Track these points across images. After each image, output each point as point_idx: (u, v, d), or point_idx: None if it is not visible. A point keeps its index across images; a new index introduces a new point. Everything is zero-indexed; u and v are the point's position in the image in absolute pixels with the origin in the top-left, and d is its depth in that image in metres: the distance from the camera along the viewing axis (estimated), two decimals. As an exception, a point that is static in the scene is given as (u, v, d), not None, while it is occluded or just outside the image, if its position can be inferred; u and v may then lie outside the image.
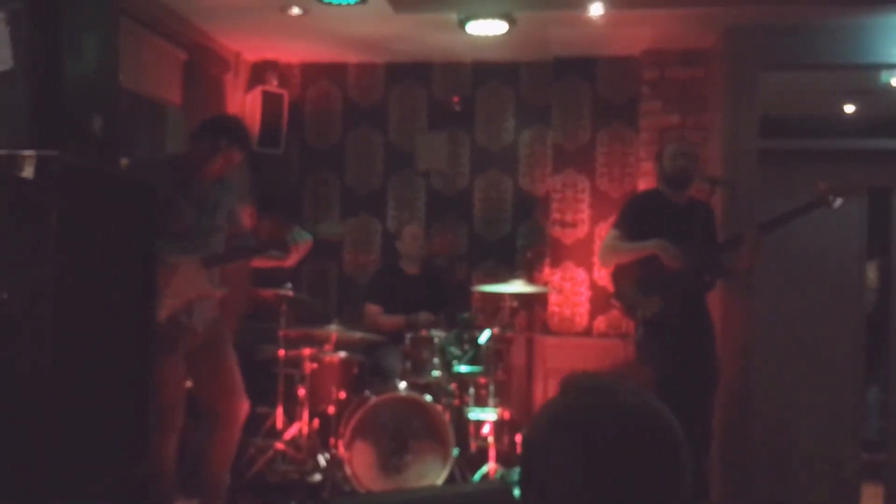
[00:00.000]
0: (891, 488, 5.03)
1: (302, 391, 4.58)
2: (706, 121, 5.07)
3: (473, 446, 4.59)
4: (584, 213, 5.44)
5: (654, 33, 4.94)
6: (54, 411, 2.29)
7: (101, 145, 2.59)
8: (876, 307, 5.56)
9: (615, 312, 5.29)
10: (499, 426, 4.62)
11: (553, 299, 5.41)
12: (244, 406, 3.81)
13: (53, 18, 2.34)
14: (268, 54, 5.78)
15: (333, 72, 5.95)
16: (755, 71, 4.65)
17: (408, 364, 4.52)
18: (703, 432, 3.96)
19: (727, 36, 4.72)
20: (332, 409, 4.56)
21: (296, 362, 4.64)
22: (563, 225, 5.45)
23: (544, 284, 5.40)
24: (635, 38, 5.06)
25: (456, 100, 5.78)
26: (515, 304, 5.02)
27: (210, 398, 3.80)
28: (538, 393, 5.28)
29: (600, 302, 5.35)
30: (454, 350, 4.58)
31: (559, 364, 5.27)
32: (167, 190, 3.45)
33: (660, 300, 3.90)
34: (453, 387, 4.60)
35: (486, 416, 4.55)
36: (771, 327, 4.90)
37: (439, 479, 4.24)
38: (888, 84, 5.06)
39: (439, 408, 4.33)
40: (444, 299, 5.23)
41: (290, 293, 4.67)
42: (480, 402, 4.59)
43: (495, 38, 4.99)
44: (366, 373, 4.83)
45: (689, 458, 1.15)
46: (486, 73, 5.80)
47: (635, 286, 4.01)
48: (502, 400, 4.67)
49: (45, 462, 2.26)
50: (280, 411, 4.66)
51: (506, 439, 4.77)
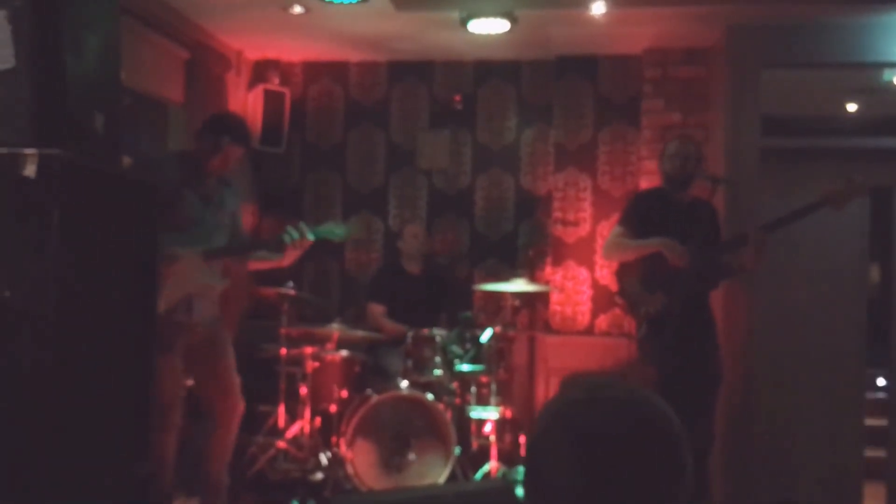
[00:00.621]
0: (893, 487, 5.02)
1: (304, 390, 4.58)
2: (708, 119, 5.07)
3: (475, 445, 4.59)
4: (586, 212, 5.44)
5: (655, 32, 4.94)
6: (55, 410, 2.29)
7: (103, 144, 2.59)
8: (878, 306, 5.55)
9: (617, 311, 5.29)
10: (500, 425, 4.61)
11: (555, 298, 5.41)
12: (239, 406, 3.83)
13: (55, 17, 2.34)
14: (269, 53, 5.78)
15: (335, 70, 5.94)
16: (757, 69, 4.65)
17: (409, 363, 4.51)
18: (705, 431, 3.95)
19: (729, 34, 4.71)
20: (333, 408, 4.56)
21: (297, 361, 4.64)
22: (564, 224, 5.45)
23: (546, 283, 5.40)
24: (637, 37, 5.06)
25: (457, 98, 5.78)
26: (517, 302, 5.02)
27: (207, 397, 3.81)
28: (540, 392, 5.28)
29: (602, 301, 5.35)
30: (456, 349, 4.58)
31: (561, 363, 5.26)
32: (173, 183, 3.48)
33: (663, 298, 3.89)
34: (455, 385, 4.60)
35: (487, 414, 4.55)
36: (773, 327, 4.89)
37: (441, 477, 4.24)
38: (890, 83, 5.06)
39: (441, 406, 4.33)
40: (445, 298, 5.23)
41: (291, 292, 4.67)
42: (482, 401, 4.59)
43: (497, 36, 4.98)
44: (367, 371, 4.83)
45: (689, 455, 1.15)
46: (488, 71, 5.79)
47: (639, 284, 4.00)
48: (504, 399, 4.67)
49: (46, 461, 2.26)
50: (282, 410, 4.66)
51: (507, 438, 4.77)
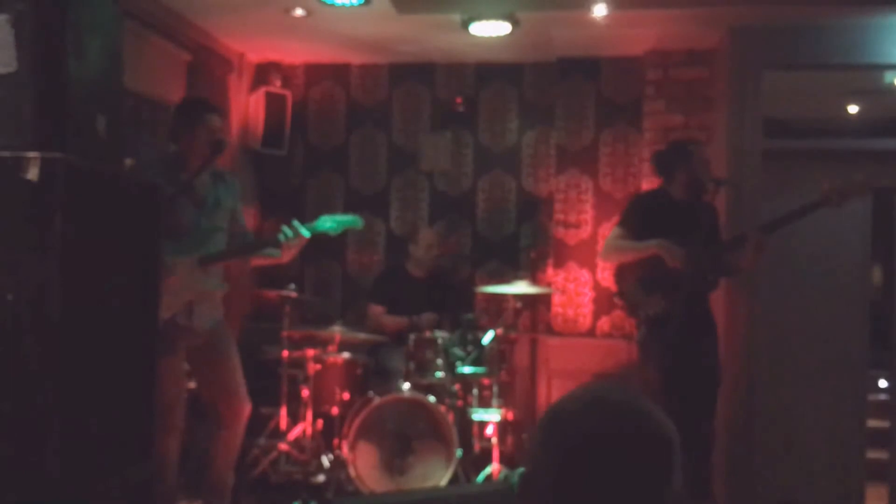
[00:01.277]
0: (895, 489, 5.02)
1: (305, 392, 4.58)
2: (710, 121, 5.07)
3: (477, 447, 4.59)
4: (588, 214, 5.44)
5: (657, 33, 4.94)
6: (58, 412, 2.29)
7: (106, 146, 2.59)
8: (880, 308, 5.55)
9: (619, 313, 5.29)
10: (502, 427, 4.61)
11: (556, 300, 5.41)
12: (246, 407, 3.81)
13: (57, 20, 2.35)
14: (271, 55, 5.78)
15: (337, 72, 5.95)
16: (759, 71, 4.65)
17: (411, 365, 4.51)
18: (706, 432, 3.95)
19: (731, 36, 4.71)
20: (335, 410, 4.56)
21: (299, 363, 4.65)
22: (566, 225, 5.45)
23: (548, 285, 5.40)
24: (639, 39, 5.06)
25: (459, 100, 5.79)
26: (519, 304, 5.02)
27: (212, 399, 3.80)
28: (542, 394, 5.28)
29: (604, 303, 5.35)
30: (458, 351, 4.58)
31: (563, 365, 5.26)
32: (165, 189, 3.46)
33: (662, 299, 3.89)
34: (457, 388, 4.61)
35: (489, 416, 4.55)
36: (775, 328, 4.89)
37: (443, 480, 4.24)
38: (892, 84, 5.05)
39: (443, 409, 4.33)
40: (448, 301, 5.22)
41: (293, 294, 4.67)
42: (484, 403, 4.58)
43: (499, 38, 4.99)
44: (369, 373, 4.83)
45: (679, 459, 1.16)
46: (490, 73, 5.79)
47: (638, 285, 4.00)
48: (506, 401, 4.67)
49: (49, 463, 2.26)
50: (284, 412, 4.66)
51: (509, 440, 4.77)
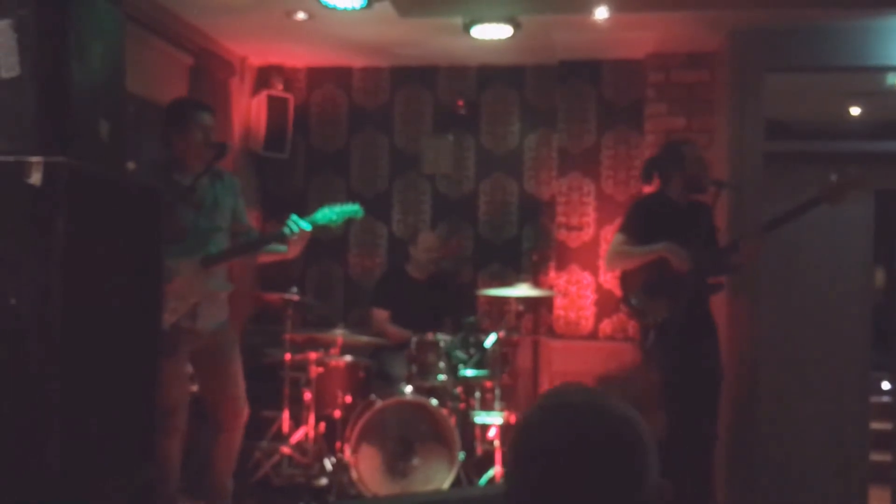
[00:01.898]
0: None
1: (308, 395, 4.58)
2: (711, 123, 5.07)
3: (479, 450, 4.58)
4: (590, 217, 5.44)
5: (659, 36, 4.94)
6: (61, 415, 2.30)
7: (108, 150, 2.59)
8: (883, 310, 5.54)
9: (621, 316, 5.29)
10: (505, 430, 4.60)
11: (559, 302, 5.41)
12: (244, 411, 3.81)
13: (59, 24, 2.35)
14: (273, 59, 5.79)
15: (339, 76, 5.96)
16: (760, 73, 4.65)
17: (413, 368, 4.51)
18: (707, 434, 3.95)
19: (732, 39, 4.71)
20: (338, 413, 4.56)
21: (302, 366, 4.65)
22: (568, 228, 5.45)
23: (550, 288, 5.40)
24: (640, 42, 5.06)
25: (461, 103, 5.79)
26: (521, 307, 5.02)
27: (212, 402, 3.80)
28: (544, 396, 5.27)
29: (606, 305, 5.35)
30: (460, 354, 4.57)
31: (565, 367, 5.26)
32: (165, 195, 3.46)
33: (669, 303, 3.88)
34: (459, 391, 4.60)
35: (491, 419, 4.54)
36: (777, 330, 4.89)
37: (445, 482, 4.24)
38: (894, 86, 5.05)
39: (445, 412, 4.33)
40: (449, 305, 5.22)
41: (295, 297, 4.67)
42: (486, 406, 4.58)
43: (500, 41, 4.99)
44: (372, 377, 4.83)
45: (651, 451, 1.17)
46: (492, 76, 5.80)
47: (644, 291, 3.99)
48: (508, 403, 4.67)
49: (51, 465, 2.26)
50: (286, 415, 4.66)
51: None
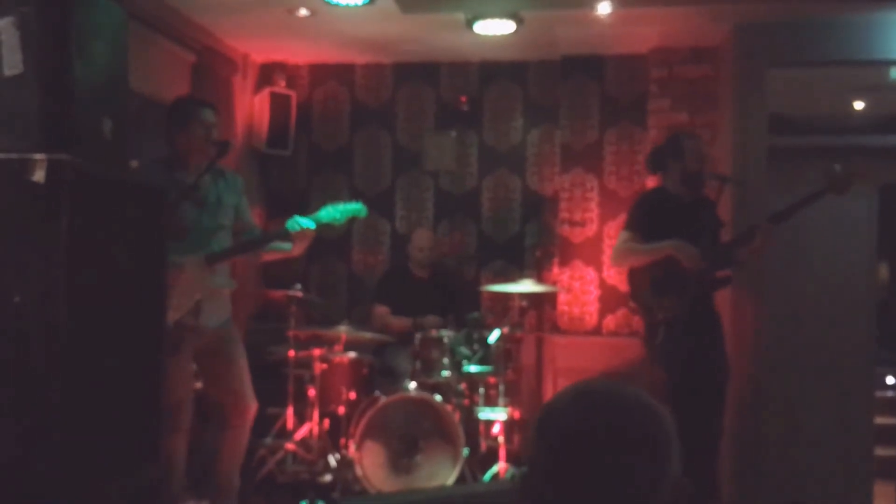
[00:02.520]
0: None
1: (312, 392, 4.58)
2: (715, 118, 5.06)
3: (483, 446, 4.58)
4: (593, 212, 5.44)
5: (661, 31, 4.93)
6: (65, 413, 2.30)
7: (111, 148, 2.59)
8: (887, 305, 5.53)
9: (625, 311, 5.29)
10: (509, 426, 4.61)
11: (562, 298, 5.41)
12: (251, 407, 3.81)
13: (63, 22, 2.35)
14: (276, 56, 5.79)
15: (341, 72, 5.96)
16: (763, 68, 4.64)
17: (417, 364, 4.51)
18: (713, 430, 3.95)
19: (735, 33, 4.70)
20: (342, 410, 4.56)
21: (306, 363, 4.65)
22: (571, 224, 5.45)
23: (553, 284, 5.40)
24: (643, 37, 5.05)
25: (464, 99, 5.79)
26: (525, 303, 5.01)
27: (218, 399, 3.80)
28: (548, 392, 5.27)
29: (610, 301, 5.35)
30: (464, 350, 4.57)
31: (569, 363, 5.26)
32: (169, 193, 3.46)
33: (677, 300, 3.87)
34: (463, 387, 4.60)
35: (496, 415, 4.54)
36: (782, 326, 4.88)
37: (449, 479, 4.24)
38: (898, 80, 5.04)
39: (449, 408, 4.33)
40: (453, 301, 5.22)
41: (299, 294, 4.67)
42: (490, 402, 4.58)
43: (503, 37, 4.98)
44: (375, 373, 4.83)
45: (674, 444, 1.17)
46: (494, 72, 5.79)
47: (652, 287, 3.98)
48: (512, 399, 4.67)
49: (56, 463, 2.27)
50: (290, 412, 4.67)
51: (516, 439, 4.76)
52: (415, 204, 5.87)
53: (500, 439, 4.51)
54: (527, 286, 4.73)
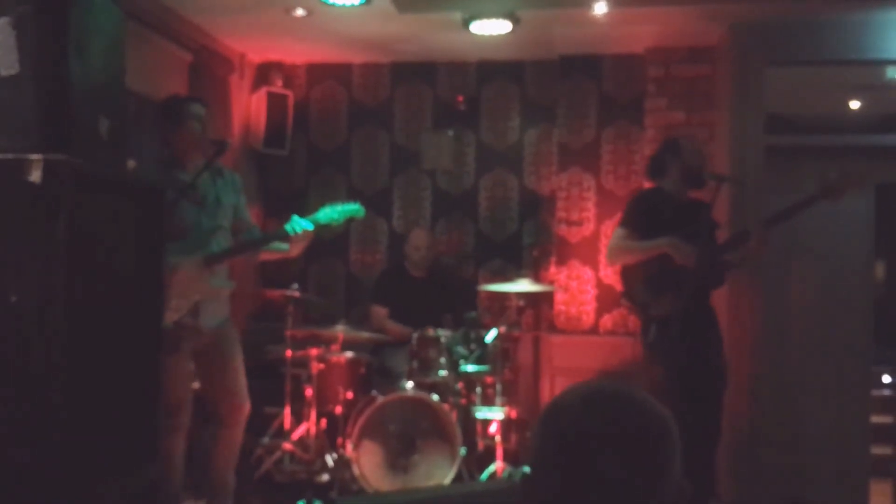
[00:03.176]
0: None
1: (309, 391, 4.59)
2: (712, 118, 5.07)
3: (481, 445, 4.59)
4: (590, 212, 5.44)
5: (659, 30, 4.93)
6: (63, 413, 2.30)
7: (108, 148, 2.59)
8: (884, 303, 5.54)
9: (622, 311, 5.29)
10: (506, 425, 4.61)
11: (559, 298, 5.41)
12: (245, 407, 3.81)
13: (59, 22, 2.35)
14: (273, 55, 5.79)
15: (338, 72, 5.95)
16: (761, 67, 4.64)
17: (414, 364, 4.52)
18: (711, 429, 3.95)
19: (733, 32, 4.71)
20: (339, 409, 4.56)
21: (303, 362, 4.65)
22: (568, 223, 5.45)
23: (550, 283, 5.40)
24: (640, 36, 5.05)
25: (461, 99, 5.79)
26: (522, 302, 5.02)
27: (213, 398, 3.80)
28: (545, 391, 5.28)
29: (607, 300, 5.35)
30: (461, 349, 4.58)
31: (566, 362, 5.27)
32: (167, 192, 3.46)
33: (671, 298, 3.87)
34: (460, 386, 4.61)
35: (493, 415, 4.55)
36: (779, 324, 4.89)
37: (447, 478, 4.25)
38: (894, 80, 5.04)
39: (446, 407, 4.33)
40: (450, 300, 5.22)
41: (296, 293, 4.67)
42: (487, 402, 4.59)
43: (500, 37, 4.99)
44: (373, 373, 4.84)
45: (677, 446, 1.18)
46: (491, 72, 5.80)
47: (645, 285, 3.98)
48: (509, 399, 4.67)
49: (54, 464, 2.27)
50: (287, 411, 4.67)
51: (513, 438, 4.77)
52: (412, 203, 5.88)
53: (497, 438, 4.51)
54: (524, 285, 4.73)
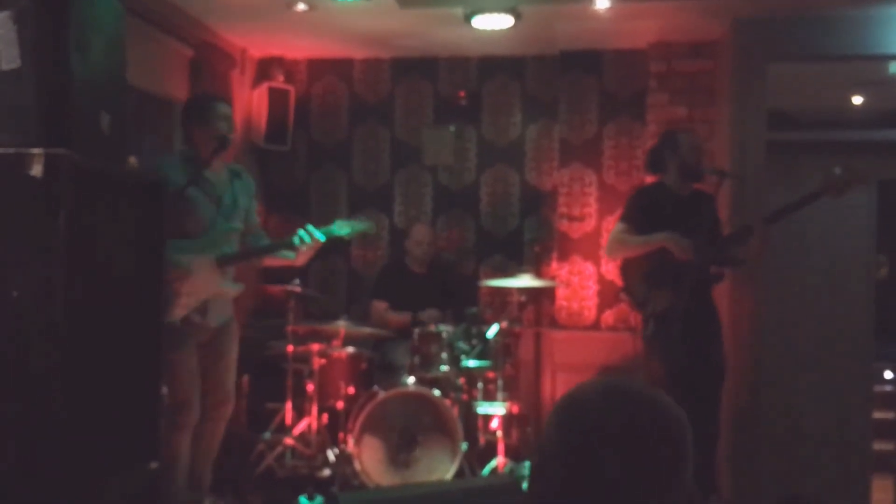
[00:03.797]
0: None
1: (311, 387, 4.59)
2: (714, 113, 5.06)
3: (482, 441, 4.59)
4: (592, 207, 5.44)
5: (660, 26, 4.92)
6: (65, 409, 2.30)
7: (109, 143, 2.59)
8: (886, 299, 5.54)
9: (623, 306, 5.28)
10: (507, 420, 4.62)
11: (561, 293, 5.41)
12: (229, 405, 3.84)
13: (60, 17, 2.35)
14: (274, 50, 5.78)
15: (339, 67, 5.95)
16: (763, 63, 4.63)
17: (416, 359, 4.52)
18: (711, 425, 3.95)
19: (734, 28, 4.70)
20: (340, 405, 4.57)
21: (304, 358, 4.65)
22: (570, 219, 5.45)
23: (552, 279, 5.40)
24: (642, 31, 5.04)
25: (462, 94, 5.78)
26: (523, 298, 5.02)
27: (202, 389, 3.79)
28: (546, 387, 5.28)
29: (608, 296, 5.35)
30: (462, 345, 4.58)
31: (567, 358, 5.26)
32: (178, 186, 3.48)
33: (670, 294, 3.88)
34: (461, 381, 4.61)
35: (494, 410, 4.55)
36: (780, 320, 4.89)
37: (448, 473, 4.25)
38: (896, 75, 5.03)
39: (448, 402, 4.34)
40: (451, 297, 5.22)
41: (298, 289, 4.67)
42: (489, 397, 4.59)
43: (501, 32, 4.98)
44: (374, 368, 4.84)
45: (691, 449, 1.17)
46: (493, 67, 5.79)
47: (644, 280, 3.99)
48: (511, 394, 4.67)
49: (54, 461, 2.27)
50: (289, 407, 4.67)
51: (514, 433, 4.77)
52: (413, 199, 5.87)
53: (499, 434, 4.52)
54: (525, 281, 4.73)
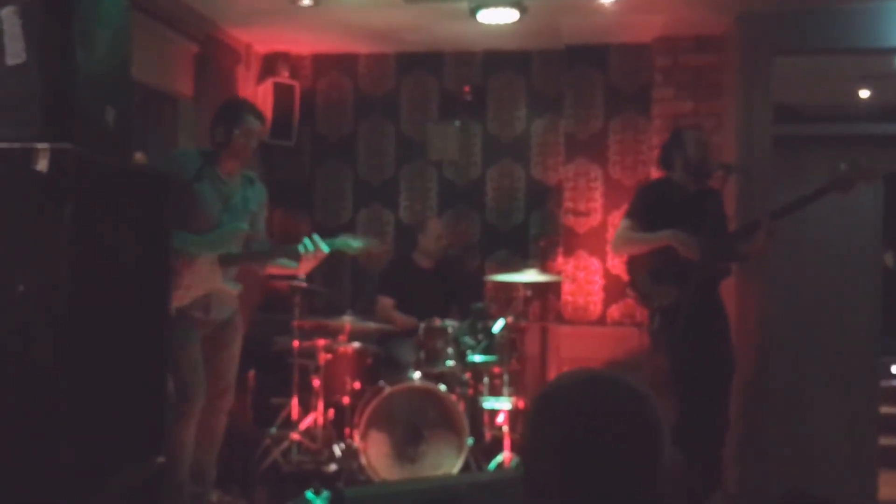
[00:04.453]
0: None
1: (317, 382, 4.59)
2: (719, 107, 5.04)
3: (488, 436, 4.59)
4: (597, 202, 5.43)
5: (666, 20, 4.91)
6: (70, 402, 2.30)
7: (115, 138, 2.60)
8: (892, 293, 5.51)
9: (629, 301, 5.27)
10: (513, 415, 4.61)
11: (566, 288, 5.40)
12: (229, 399, 3.85)
13: (66, 12, 2.35)
14: (279, 46, 5.78)
15: (344, 62, 5.94)
16: (769, 56, 4.62)
17: (422, 354, 4.52)
18: (719, 421, 3.94)
19: (740, 21, 4.68)
20: (346, 400, 4.57)
21: (310, 353, 4.66)
22: (575, 214, 5.44)
23: (557, 273, 5.39)
24: (647, 25, 5.03)
25: (467, 89, 5.77)
26: (529, 293, 5.01)
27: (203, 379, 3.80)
28: (552, 382, 5.27)
29: (614, 290, 5.34)
30: (468, 340, 4.58)
31: (573, 353, 5.26)
32: (190, 180, 3.48)
33: (675, 289, 3.87)
34: (467, 376, 4.61)
35: (500, 405, 4.55)
36: (787, 315, 4.87)
37: (454, 468, 4.25)
38: (903, 68, 5.01)
39: (454, 397, 4.34)
40: (456, 291, 5.22)
41: (303, 284, 4.67)
42: (495, 392, 4.59)
43: (506, 26, 4.96)
44: (380, 363, 4.84)
45: (667, 434, 1.19)
46: (498, 62, 5.78)
47: (650, 275, 3.98)
48: (516, 389, 4.67)
49: (59, 453, 2.27)
50: (295, 402, 4.67)
51: (520, 428, 4.76)
52: (419, 194, 5.87)
53: (505, 429, 4.51)
54: (531, 276, 4.72)
